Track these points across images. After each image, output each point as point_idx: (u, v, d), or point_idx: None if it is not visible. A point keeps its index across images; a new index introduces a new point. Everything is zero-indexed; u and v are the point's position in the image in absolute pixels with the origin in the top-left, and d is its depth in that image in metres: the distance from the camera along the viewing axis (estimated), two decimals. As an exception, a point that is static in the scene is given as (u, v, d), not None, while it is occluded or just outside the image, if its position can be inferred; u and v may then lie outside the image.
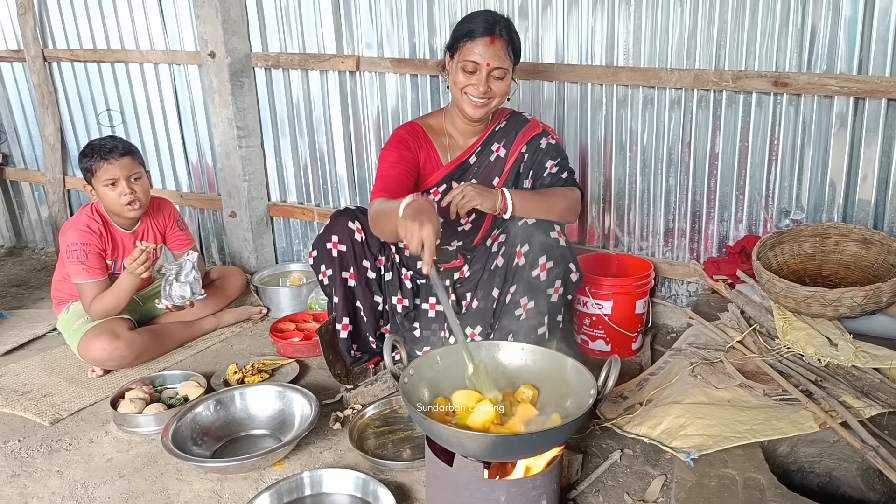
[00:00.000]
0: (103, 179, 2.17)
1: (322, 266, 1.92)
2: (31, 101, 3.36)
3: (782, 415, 1.58)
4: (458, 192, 1.69)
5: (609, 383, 1.36)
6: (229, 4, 2.63)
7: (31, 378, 2.19)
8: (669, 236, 2.33)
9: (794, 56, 1.97)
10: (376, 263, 1.93)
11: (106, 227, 2.27)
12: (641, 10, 2.11)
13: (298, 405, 1.83)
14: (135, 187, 2.21)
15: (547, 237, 1.73)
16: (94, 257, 2.21)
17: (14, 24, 3.24)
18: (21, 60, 3.27)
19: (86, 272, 2.19)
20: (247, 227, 2.92)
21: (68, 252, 2.21)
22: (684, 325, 2.25)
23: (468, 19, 1.78)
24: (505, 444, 1.30)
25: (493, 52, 1.72)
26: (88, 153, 2.19)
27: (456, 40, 1.78)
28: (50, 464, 1.75)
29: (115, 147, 2.19)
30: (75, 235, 2.21)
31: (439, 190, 1.91)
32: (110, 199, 2.21)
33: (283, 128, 2.85)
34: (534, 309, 1.75)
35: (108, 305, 2.20)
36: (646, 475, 1.60)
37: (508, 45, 1.75)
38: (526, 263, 1.74)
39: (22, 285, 3.12)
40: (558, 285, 1.75)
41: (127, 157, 2.20)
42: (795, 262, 2.04)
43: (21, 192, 3.65)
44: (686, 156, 2.21)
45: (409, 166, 1.84)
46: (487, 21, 1.74)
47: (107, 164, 2.17)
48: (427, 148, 1.91)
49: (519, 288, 1.76)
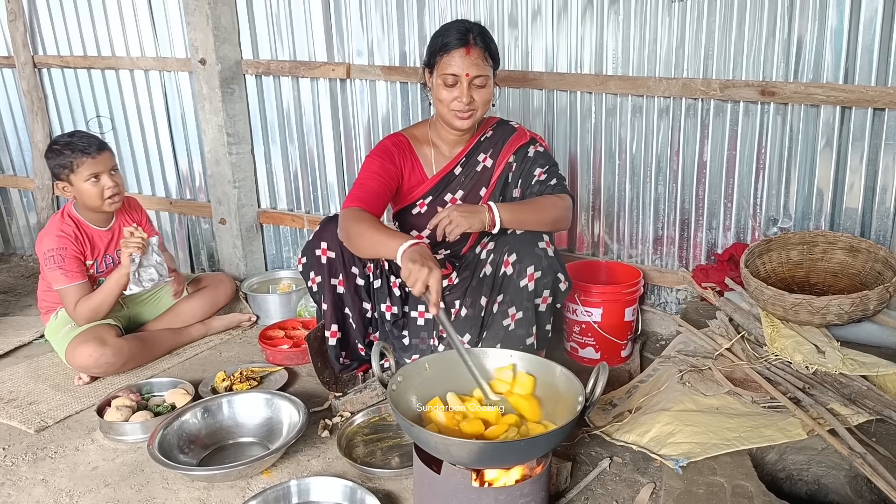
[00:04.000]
0: (85, 175, 2.14)
1: (311, 273, 1.90)
2: (21, 108, 3.34)
3: (770, 422, 1.59)
4: (444, 216, 1.66)
5: (597, 390, 1.36)
6: (220, 12, 2.63)
7: (17, 385, 2.17)
8: (658, 244, 2.34)
9: (781, 65, 2.00)
10: (365, 270, 1.91)
11: (80, 229, 2.24)
12: (630, 19, 2.13)
13: (287, 413, 1.82)
14: (116, 180, 2.21)
15: (535, 247, 1.72)
16: (72, 261, 2.17)
17: (4, 30, 3.22)
18: (11, 66, 3.26)
19: (64, 276, 2.15)
20: (236, 233, 2.91)
21: (45, 259, 2.18)
22: (673, 333, 2.26)
23: (440, 33, 1.77)
24: (493, 451, 1.29)
25: (471, 61, 1.71)
26: (64, 150, 2.14)
27: (432, 55, 1.77)
28: (35, 472, 1.73)
29: (90, 142, 2.17)
30: (50, 241, 2.18)
31: (425, 202, 1.92)
32: (92, 195, 2.17)
33: (274, 135, 2.85)
34: (522, 319, 1.74)
35: (94, 304, 2.16)
36: (635, 483, 1.60)
37: (485, 51, 1.74)
38: (514, 273, 1.73)
39: (9, 292, 3.09)
40: (546, 295, 1.75)
41: (106, 152, 2.20)
42: (783, 269, 2.05)
43: (10, 199, 3.63)
44: (675, 164, 2.22)
45: (390, 179, 1.83)
46: (460, 31, 1.73)
47: (89, 159, 2.14)
48: (412, 160, 1.90)
49: (506, 297, 1.75)
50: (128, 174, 3.23)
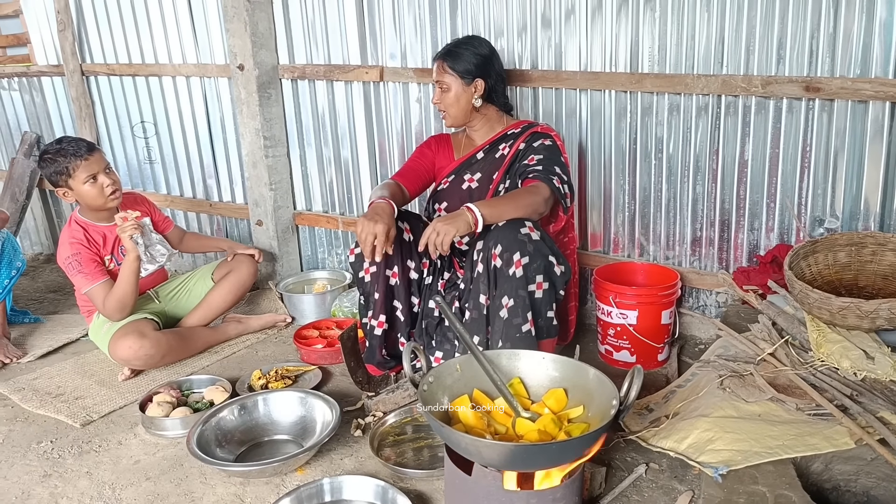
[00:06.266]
0: (83, 178, 2.20)
1: (365, 262, 1.96)
2: (70, 114, 3.48)
3: (816, 430, 1.53)
4: (429, 232, 1.75)
5: (632, 393, 1.32)
6: (258, 18, 2.69)
7: (65, 381, 2.25)
8: (697, 245, 2.28)
9: (827, 60, 1.92)
10: (420, 266, 2.01)
11: (89, 232, 2.31)
12: (667, 15, 2.09)
13: (320, 412, 1.84)
14: (112, 177, 2.27)
15: (517, 234, 1.75)
16: (89, 262, 2.24)
17: (55, 40, 3.36)
18: (60, 74, 3.40)
19: (86, 278, 2.23)
20: (273, 235, 2.96)
21: (66, 267, 2.26)
22: (713, 337, 2.20)
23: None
24: (524, 453, 1.28)
25: (436, 71, 2.07)
26: (57, 158, 2.19)
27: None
28: (80, 465, 1.79)
29: (80, 146, 2.22)
30: (65, 250, 2.26)
31: (448, 179, 2.14)
32: (92, 195, 2.23)
33: (309, 137, 2.90)
34: (514, 307, 1.75)
35: (118, 295, 2.22)
36: (672, 490, 1.56)
37: (448, 64, 2.02)
38: (502, 264, 1.76)
39: (58, 291, 3.21)
40: (540, 280, 1.75)
41: (97, 152, 2.25)
42: (830, 272, 1.97)
43: (59, 202, 3.78)
44: (714, 163, 2.17)
45: (425, 160, 2.19)
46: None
47: (84, 162, 2.20)
48: (446, 147, 2.21)
49: (500, 290, 1.78)
50: (170, 177, 3.33)
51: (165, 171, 3.32)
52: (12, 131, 3.77)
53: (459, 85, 2.02)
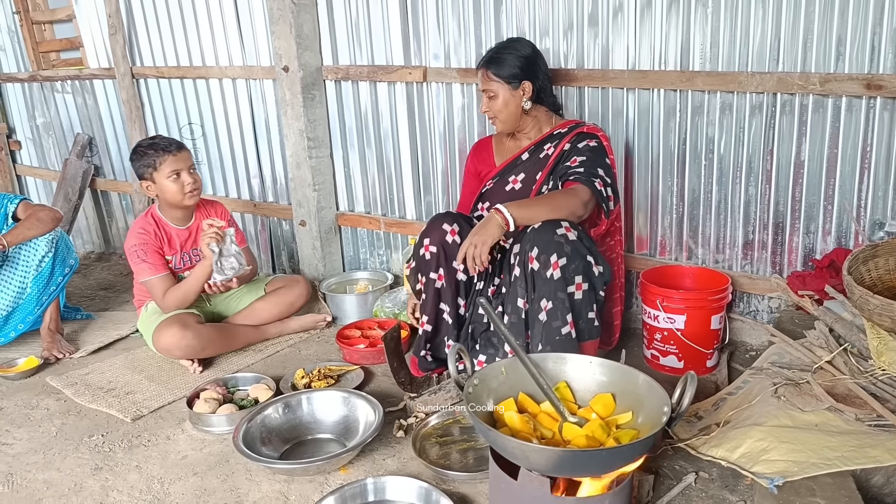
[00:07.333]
0: (167, 172, 2.31)
1: (419, 274, 2.03)
2: (121, 116, 3.59)
3: (877, 442, 1.46)
4: (465, 248, 1.77)
5: (685, 400, 1.29)
6: (303, 20, 2.72)
7: (116, 376, 2.32)
8: (749, 249, 2.21)
9: (889, 57, 1.84)
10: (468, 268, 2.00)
11: (160, 228, 2.41)
12: (720, 11, 2.03)
13: (363, 412, 1.85)
14: (195, 177, 2.36)
15: (554, 235, 1.72)
16: (154, 254, 2.35)
17: (106, 44, 3.47)
18: (111, 77, 3.51)
19: (149, 269, 2.33)
20: (316, 235, 2.99)
21: (130, 255, 2.36)
22: (765, 343, 2.13)
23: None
24: (573, 459, 1.26)
25: (481, 80, 2.05)
26: (148, 151, 2.32)
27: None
28: (130, 458, 1.83)
29: (171, 142, 2.35)
30: (133, 239, 2.37)
31: (493, 182, 2.13)
32: (173, 190, 2.33)
33: (352, 139, 2.92)
34: (553, 309, 1.73)
35: (181, 293, 2.32)
36: (723, 500, 1.51)
37: (492, 72, 2.00)
38: (540, 266, 1.73)
39: (109, 288, 3.31)
40: (579, 281, 1.73)
41: (185, 151, 2.37)
42: (891, 277, 1.89)
43: (110, 202, 3.90)
44: (768, 164, 2.09)
45: (475, 181, 2.21)
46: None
47: (171, 157, 2.31)
48: (486, 155, 2.19)
49: (539, 292, 1.75)
50: (216, 177, 3.40)
51: (212, 171, 3.40)
52: (65, 133, 3.91)
53: (506, 90, 1.99)
